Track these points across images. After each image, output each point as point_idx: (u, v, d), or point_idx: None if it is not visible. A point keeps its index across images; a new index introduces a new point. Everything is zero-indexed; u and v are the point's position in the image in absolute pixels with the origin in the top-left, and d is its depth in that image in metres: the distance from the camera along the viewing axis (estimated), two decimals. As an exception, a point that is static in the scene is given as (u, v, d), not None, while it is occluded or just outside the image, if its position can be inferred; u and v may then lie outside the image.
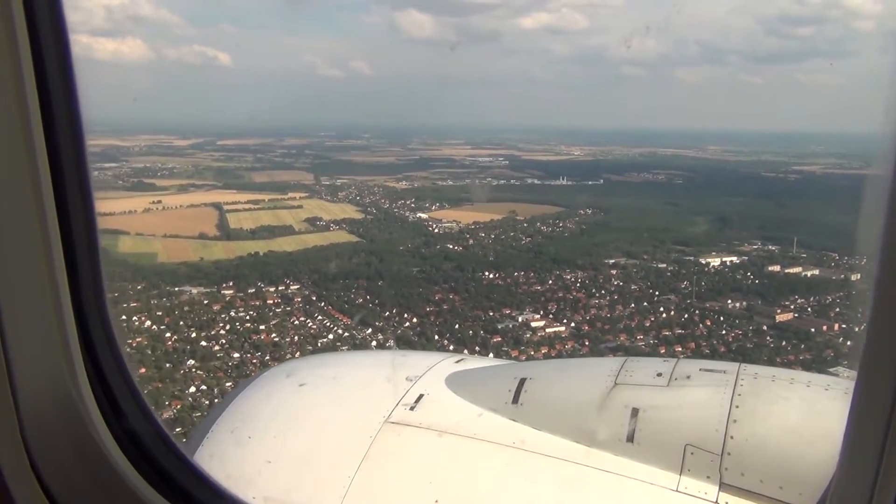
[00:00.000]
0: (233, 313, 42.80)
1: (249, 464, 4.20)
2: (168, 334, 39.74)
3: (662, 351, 33.78)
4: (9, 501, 2.14)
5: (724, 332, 37.41)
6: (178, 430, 27.20)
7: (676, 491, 3.61)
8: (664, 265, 48.01)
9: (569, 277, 46.50)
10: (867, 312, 1.70)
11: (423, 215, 68.10)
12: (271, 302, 44.60)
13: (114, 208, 70.16)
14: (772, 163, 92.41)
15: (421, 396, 4.46)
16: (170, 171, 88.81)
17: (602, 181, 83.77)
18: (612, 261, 49.14)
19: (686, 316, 39.83)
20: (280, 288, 46.96)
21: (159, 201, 74.78)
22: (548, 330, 38.48)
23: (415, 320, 41.06)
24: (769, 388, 3.89)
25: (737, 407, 3.72)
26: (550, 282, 45.80)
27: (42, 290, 2.09)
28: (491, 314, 41.47)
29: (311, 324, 41.21)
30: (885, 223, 1.63)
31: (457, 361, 5.04)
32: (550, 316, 40.68)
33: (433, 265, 50.77)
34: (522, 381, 4.34)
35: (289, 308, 43.79)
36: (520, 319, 40.03)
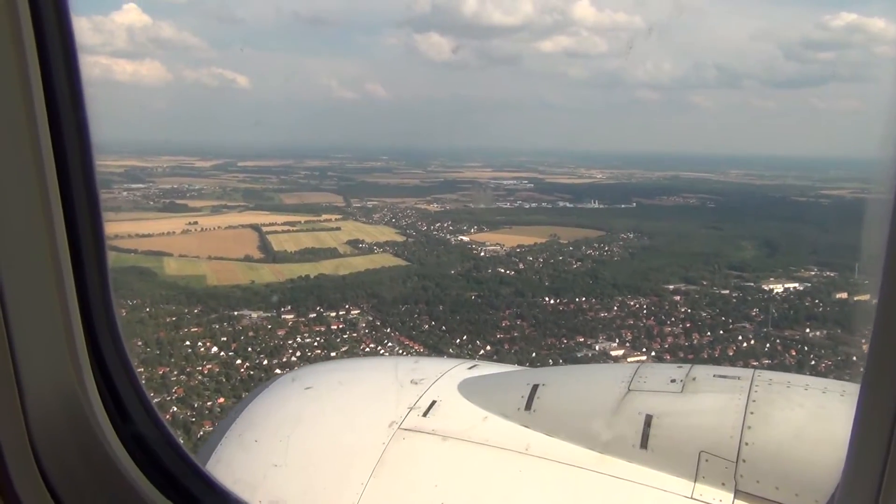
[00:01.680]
0: (299, 339, 41.37)
1: (256, 467, 4.10)
2: (238, 361, 38.30)
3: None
4: None
5: (813, 362, 35.98)
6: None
7: (691, 498, 3.50)
8: (726, 291, 46.61)
9: (633, 304, 45.12)
10: (871, 321, 1.68)
11: (465, 238, 67.00)
12: (336, 327, 43.19)
13: (151, 229, 69.59)
14: (797, 187, 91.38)
15: (434, 403, 4.33)
16: (198, 192, 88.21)
17: (634, 205, 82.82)
18: (672, 286, 47.76)
19: (768, 346, 38.41)
20: (340, 313, 45.60)
21: (195, 222, 73.94)
22: (629, 359, 36.99)
23: (488, 348, 39.61)
24: (784, 394, 3.78)
25: (752, 413, 3.62)
26: (616, 308, 44.41)
27: (49, 295, 2.07)
28: (565, 342, 40.06)
29: (382, 350, 39.75)
30: (889, 233, 1.61)
31: (470, 367, 4.89)
32: (627, 344, 39.26)
33: (490, 290, 49.42)
34: (535, 388, 4.22)
35: (355, 334, 42.36)
36: (597, 348, 38.62)
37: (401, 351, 39.75)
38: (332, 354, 39.14)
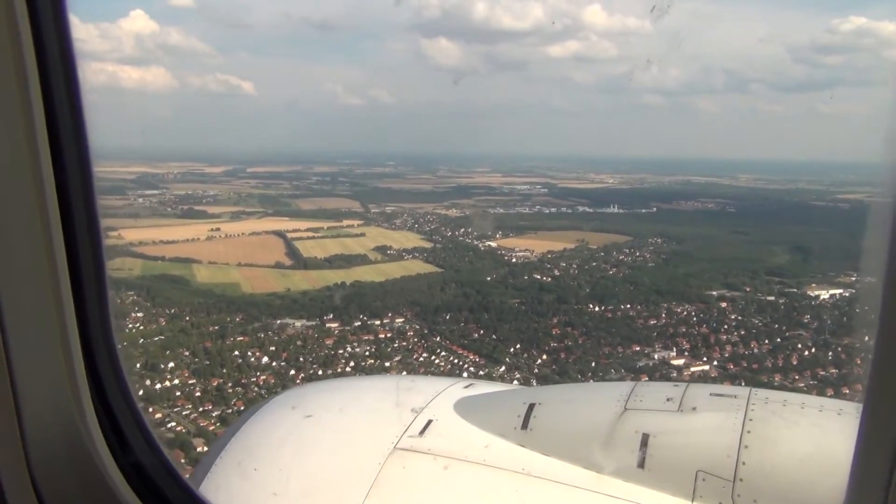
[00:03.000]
0: (349, 349, 40.10)
1: (255, 496, 4.01)
2: (292, 372, 37.01)
3: (830, 394, 30.94)
4: None
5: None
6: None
7: None
8: (772, 298, 45.51)
9: (679, 311, 43.96)
10: (873, 337, 1.62)
11: (492, 244, 65.92)
12: (383, 336, 41.92)
13: (175, 236, 68.70)
14: (812, 191, 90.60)
15: (430, 422, 4.26)
16: (213, 198, 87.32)
17: (655, 209, 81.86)
18: (716, 293, 46.67)
19: (831, 354, 37.23)
20: (385, 321, 44.36)
21: (218, 229, 73.09)
22: (692, 369, 35.83)
23: (544, 357, 38.39)
24: (781, 413, 3.71)
25: (748, 432, 3.54)
26: (664, 315, 43.25)
27: (49, 322, 2.05)
28: (620, 350, 38.85)
29: (437, 360, 38.49)
30: (889, 246, 1.57)
31: (465, 387, 4.83)
32: (686, 353, 38.03)
33: (531, 296, 48.23)
34: (532, 407, 4.15)
35: (405, 343, 41.10)
36: (655, 357, 37.42)
37: (454, 360, 38.56)
38: (387, 364, 37.91)
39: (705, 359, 37.28)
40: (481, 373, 36.09)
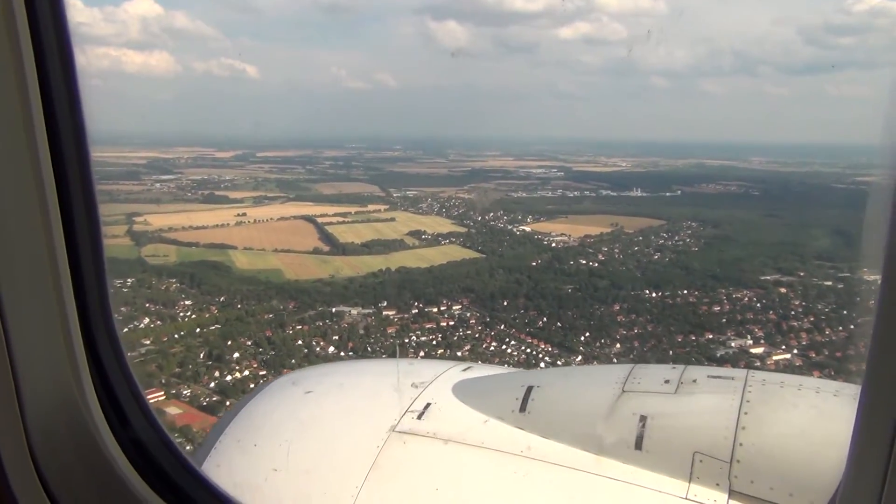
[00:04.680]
0: (414, 338, 38.42)
1: (256, 472, 3.90)
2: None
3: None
4: None
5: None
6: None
7: (685, 499, 3.34)
8: (829, 283, 44.04)
9: (739, 296, 42.47)
10: (872, 318, 1.59)
11: (527, 228, 64.21)
12: (445, 325, 40.24)
13: (202, 221, 66.95)
14: (829, 174, 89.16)
15: (428, 405, 4.14)
16: (231, 183, 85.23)
17: (679, 192, 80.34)
18: (771, 278, 45.20)
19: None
20: (442, 308, 42.68)
21: (244, 214, 71.13)
22: (774, 358, 34.35)
23: (618, 346, 36.81)
24: (778, 394, 3.59)
25: (745, 414, 3.45)
26: (726, 301, 41.73)
27: (47, 299, 2.02)
28: (693, 339, 37.31)
29: (508, 349, 36.86)
30: (889, 229, 1.55)
31: (464, 370, 4.70)
32: (762, 341, 36.54)
33: (583, 282, 46.62)
34: (530, 389, 4.03)
35: (469, 331, 39.44)
36: (732, 345, 35.90)
37: (525, 349, 36.97)
38: (459, 354, 36.26)
39: (783, 347, 35.79)
40: (558, 362, 34.57)
